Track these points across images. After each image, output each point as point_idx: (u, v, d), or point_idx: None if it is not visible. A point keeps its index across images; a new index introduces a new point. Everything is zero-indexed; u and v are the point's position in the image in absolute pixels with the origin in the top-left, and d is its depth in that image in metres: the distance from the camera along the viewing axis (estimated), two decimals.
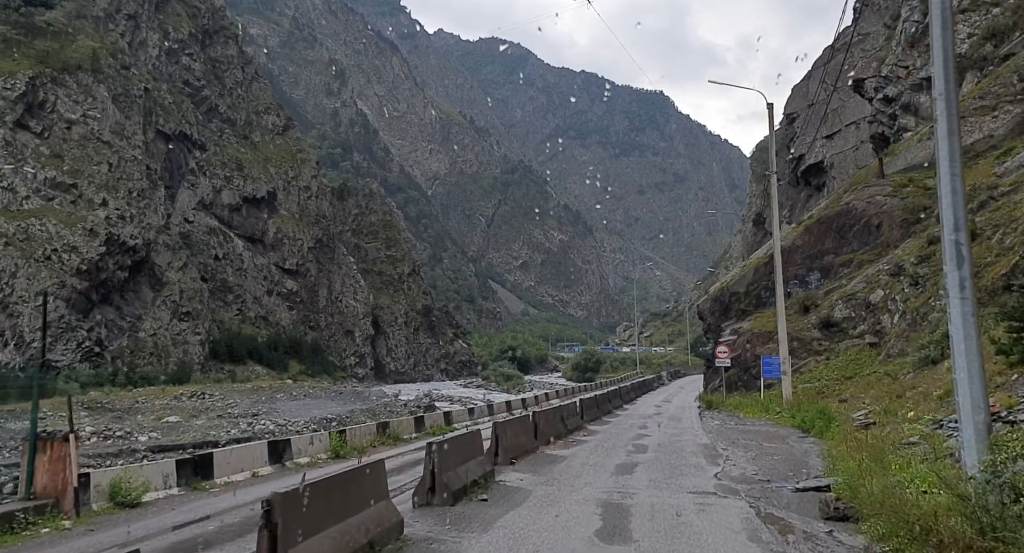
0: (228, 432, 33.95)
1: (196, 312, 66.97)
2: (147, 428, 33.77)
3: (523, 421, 16.79)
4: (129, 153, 63.37)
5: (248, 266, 78.13)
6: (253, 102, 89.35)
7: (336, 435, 17.59)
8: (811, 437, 17.06)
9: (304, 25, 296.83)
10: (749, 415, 24.52)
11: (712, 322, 36.55)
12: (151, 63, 74.61)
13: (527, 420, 17.10)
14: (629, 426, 23.26)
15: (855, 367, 23.17)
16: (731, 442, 17.51)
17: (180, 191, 74.16)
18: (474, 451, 12.16)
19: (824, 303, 28.14)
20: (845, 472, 10.32)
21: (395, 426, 21.48)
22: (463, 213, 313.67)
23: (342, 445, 17.29)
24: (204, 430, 34.02)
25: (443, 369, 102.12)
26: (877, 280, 26.03)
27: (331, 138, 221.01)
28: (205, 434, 32.86)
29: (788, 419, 20.71)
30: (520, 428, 16.09)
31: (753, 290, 33.48)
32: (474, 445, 12.33)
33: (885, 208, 29.81)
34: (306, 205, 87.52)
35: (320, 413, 41.93)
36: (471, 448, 12.11)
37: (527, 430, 16.45)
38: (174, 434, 32.26)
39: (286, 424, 36.95)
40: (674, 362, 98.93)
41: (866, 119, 39.28)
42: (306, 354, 77.73)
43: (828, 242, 31.57)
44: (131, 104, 65.18)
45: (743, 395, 29.19)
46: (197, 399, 49.02)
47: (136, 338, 61.94)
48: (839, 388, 21.93)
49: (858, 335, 25.40)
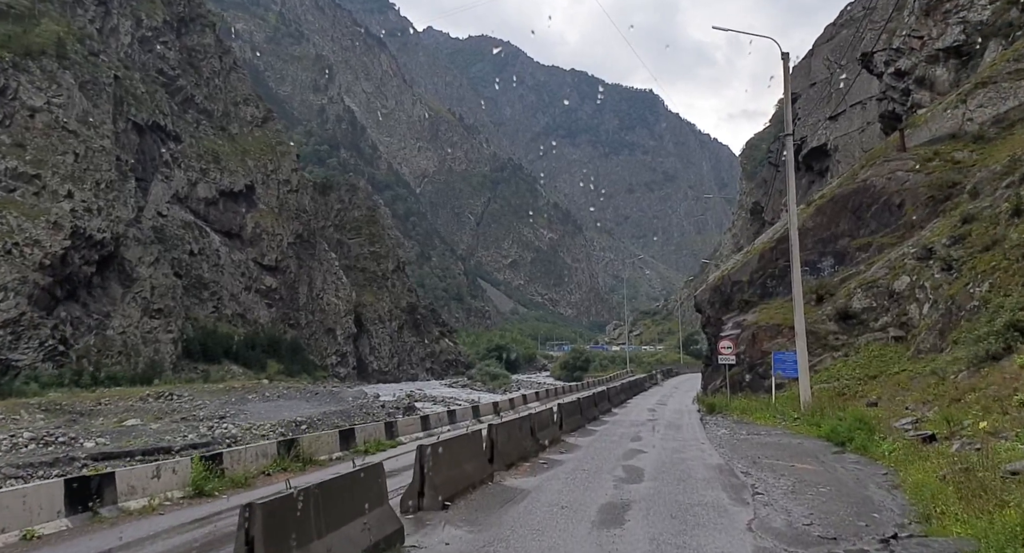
0: (185, 436, 31.62)
1: (168, 309, 64.29)
2: (96, 433, 31.38)
3: (469, 440, 11.89)
4: (97, 143, 60.63)
5: (225, 262, 75.46)
6: (231, 93, 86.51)
7: (199, 463, 12.14)
8: (850, 453, 13.61)
9: (291, 21, 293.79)
10: (760, 421, 21.34)
11: (712, 315, 33.45)
12: (123, 51, 71.77)
13: (477, 438, 12.39)
14: (619, 438, 19.46)
15: (879, 364, 20.23)
16: (751, 462, 13.71)
17: (153, 184, 71.40)
18: (370, 497, 7.64)
19: (840, 292, 25.21)
20: (957, 522, 6.99)
21: (307, 444, 15.67)
22: (452, 211, 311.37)
23: (209, 477, 12.01)
24: (159, 435, 31.65)
25: (428, 368, 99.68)
26: (902, 265, 23.06)
27: (318, 135, 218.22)
28: (160, 439, 30.55)
29: (810, 427, 17.68)
30: (464, 451, 11.28)
31: (758, 278, 30.44)
32: (367, 490, 7.67)
33: (908, 185, 26.70)
34: (286, 199, 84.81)
35: (290, 415, 39.57)
36: (360, 495, 7.48)
37: (475, 453, 11.88)
38: (125, 440, 29.92)
39: (250, 427, 34.61)
40: (665, 360, 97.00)
41: (875, 97, 36.92)
42: (285, 353, 75.20)
43: (843, 224, 28.48)
44: (99, 92, 62.40)
45: (749, 397, 26.01)
46: (165, 400, 46.66)
47: (104, 336, 59.25)
48: (863, 389, 19.14)
49: (880, 328, 22.45)
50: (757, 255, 31.59)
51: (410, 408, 46.13)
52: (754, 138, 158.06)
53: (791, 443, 16.23)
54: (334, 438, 17.48)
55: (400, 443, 19.43)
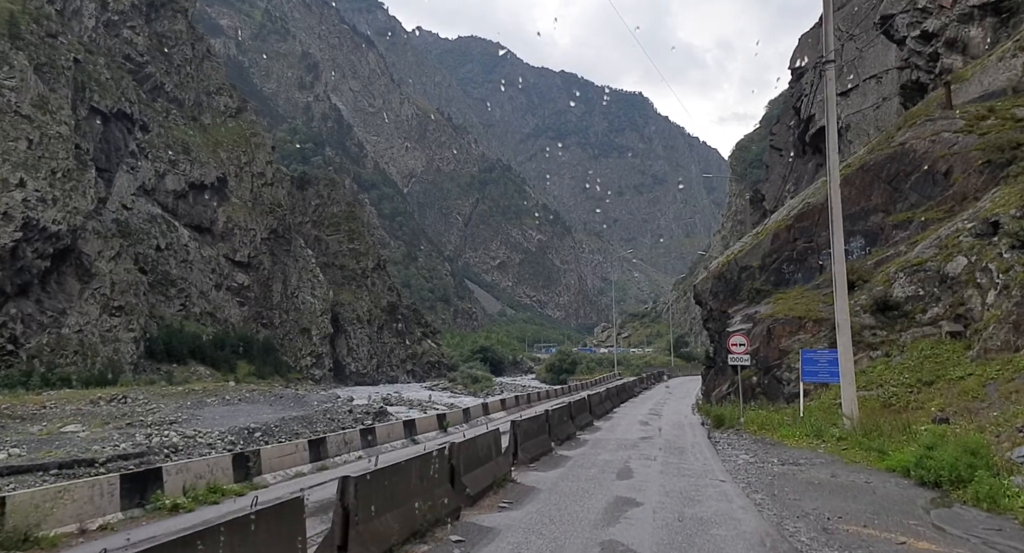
0: (117, 446, 28.19)
1: (130, 306, 60.63)
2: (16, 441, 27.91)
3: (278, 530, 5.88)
4: (53, 129, 56.99)
5: (194, 258, 71.80)
6: (204, 82, 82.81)
7: None
8: (965, 505, 9.18)
9: (277, 18, 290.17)
10: (789, 441, 16.29)
11: (715, 307, 28.39)
12: (86, 34, 68.08)
13: (292, 530, 6.10)
14: (599, 472, 13.83)
15: (934, 367, 15.99)
16: (818, 527, 8.61)
17: (118, 174, 67.70)
18: None
19: (876, 278, 20.67)
20: None
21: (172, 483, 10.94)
22: (440, 212, 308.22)
23: None
24: (88, 444, 28.22)
25: (409, 370, 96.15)
26: (955, 243, 19.06)
27: (303, 133, 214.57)
28: (86, 449, 27.16)
29: (867, 454, 13.14)
30: None
31: (772, 262, 25.68)
32: None
33: (957, 148, 22.51)
34: (260, 193, 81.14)
35: (247, 421, 36.15)
36: None
37: None
38: (45, 450, 26.51)
39: (195, 435, 31.23)
40: (653, 363, 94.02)
41: (895, 67, 33.53)
42: (257, 354, 71.62)
43: (876, 197, 23.93)
44: (58, 76, 58.77)
45: (764, 406, 21.37)
46: (117, 404, 43.15)
47: (58, 335, 55.55)
48: (917, 399, 14.99)
49: (931, 321, 18.27)
50: (770, 236, 26.99)
51: (382, 413, 42.93)
52: (744, 139, 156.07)
53: (855, 483, 11.39)
54: (227, 464, 12.79)
55: (258, 488, 12.66)
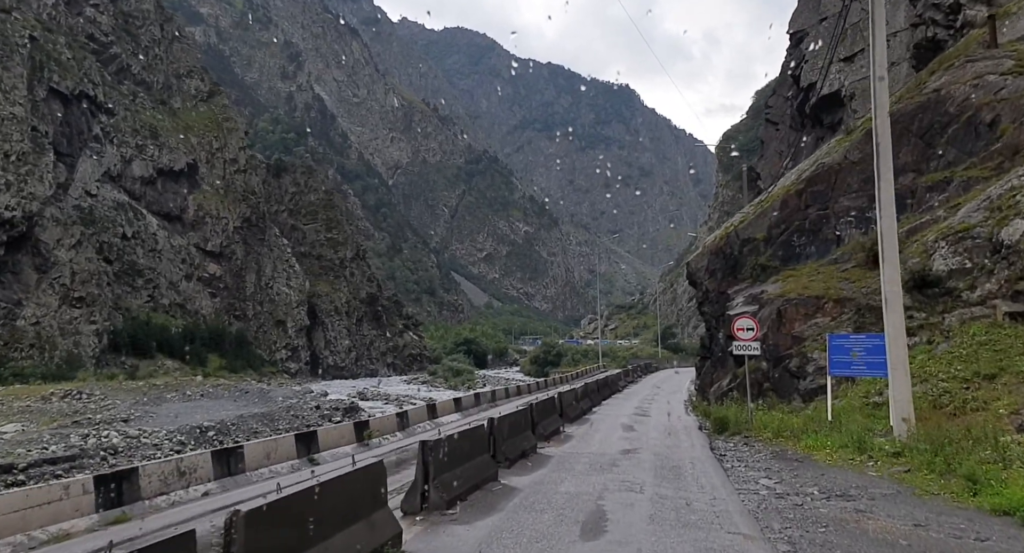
0: (46, 448, 25.59)
1: (92, 297, 57.74)
2: None
3: None
4: (7, 110, 53.95)
5: (163, 247, 68.83)
6: (174, 64, 79.57)
7: None
8: None
9: (259, 6, 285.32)
10: (820, 455, 12.43)
11: (712, 288, 24.48)
12: (45, 12, 64.76)
13: None
14: (552, 525, 8.37)
15: (994, 356, 12.64)
16: None
17: (81, 159, 64.55)
18: None
19: (911, 249, 16.76)
20: None
21: None
22: (426, 203, 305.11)
23: None
24: (12, 446, 25.58)
25: (390, 364, 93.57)
26: (1012, 204, 15.70)
27: (285, 122, 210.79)
28: (9, 452, 24.57)
29: (944, 480, 9.63)
30: None
31: (780, 234, 21.44)
32: None
33: (1004, 93, 19.19)
34: (233, 180, 78.12)
35: (202, 418, 33.60)
36: None
37: None
38: None
39: (139, 435, 28.66)
40: (640, 354, 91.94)
41: (905, 27, 30.88)
42: (229, 347, 68.92)
43: (904, 154, 20.09)
44: (11, 54, 55.62)
45: (775, 404, 17.66)
46: (71, 400, 40.48)
47: (13, 327, 52.64)
48: (978, 396, 11.73)
49: (981, 300, 14.91)
50: (777, 203, 22.88)
51: (352, 409, 40.44)
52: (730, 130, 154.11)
53: (964, 544, 7.22)
54: None
55: None
